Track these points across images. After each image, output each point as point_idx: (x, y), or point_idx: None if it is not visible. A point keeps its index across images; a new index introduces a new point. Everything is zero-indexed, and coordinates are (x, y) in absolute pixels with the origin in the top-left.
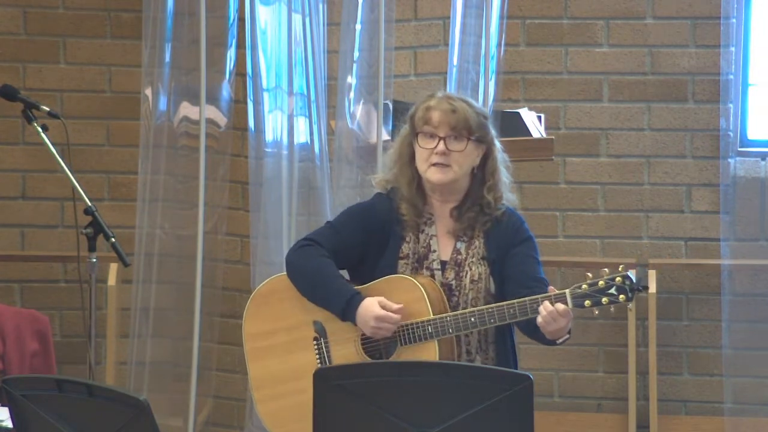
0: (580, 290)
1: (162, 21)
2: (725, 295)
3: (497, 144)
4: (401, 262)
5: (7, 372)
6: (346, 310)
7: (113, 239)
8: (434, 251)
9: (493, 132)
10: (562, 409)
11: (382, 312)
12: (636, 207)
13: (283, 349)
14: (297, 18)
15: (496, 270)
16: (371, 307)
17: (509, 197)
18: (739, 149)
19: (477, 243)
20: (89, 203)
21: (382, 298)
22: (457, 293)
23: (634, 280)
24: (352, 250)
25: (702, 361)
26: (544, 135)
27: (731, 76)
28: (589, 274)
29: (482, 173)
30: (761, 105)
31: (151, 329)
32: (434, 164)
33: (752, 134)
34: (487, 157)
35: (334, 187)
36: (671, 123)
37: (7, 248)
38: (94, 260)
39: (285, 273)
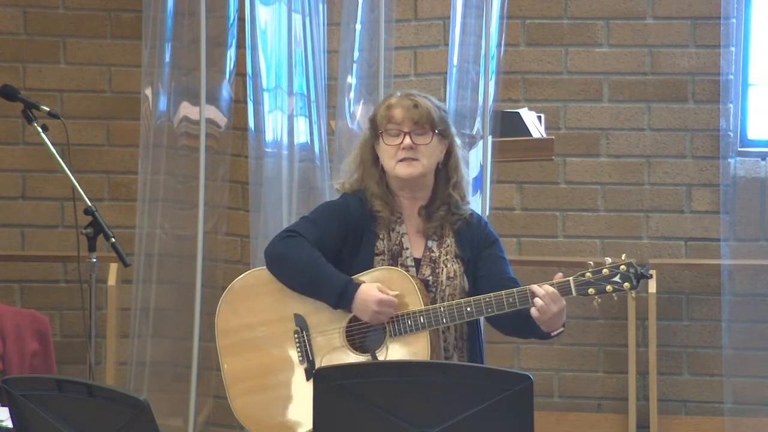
0: (583, 278)
1: (162, 21)
2: (725, 295)
3: (458, 141)
4: (377, 258)
5: (7, 372)
6: (343, 296)
7: (113, 239)
8: (407, 248)
9: (453, 128)
10: (562, 409)
11: (384, 296)
12: (636, 207)
13: (261, 344)
14: (297, 18)
15: (469, 269)
16: (371, 291)
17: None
18: (739, 149)
19: (449, 241)
20: (89, 203)
21: (379, 284)
22: (434, 289)
23: (638, 268)
24: (332, 246)
25: (702, 361)
26: (544, 135)
27: (731, 76)
28: (591, 262)
29: (446, 170)
30: (761, 105)
31: (151, 329)
32: (402, 159)
33: (752, 134)
34: (450, 153)
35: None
36: (671, 123)
37: (7, 248)
38: (94, 260)
39: (260, 269)
